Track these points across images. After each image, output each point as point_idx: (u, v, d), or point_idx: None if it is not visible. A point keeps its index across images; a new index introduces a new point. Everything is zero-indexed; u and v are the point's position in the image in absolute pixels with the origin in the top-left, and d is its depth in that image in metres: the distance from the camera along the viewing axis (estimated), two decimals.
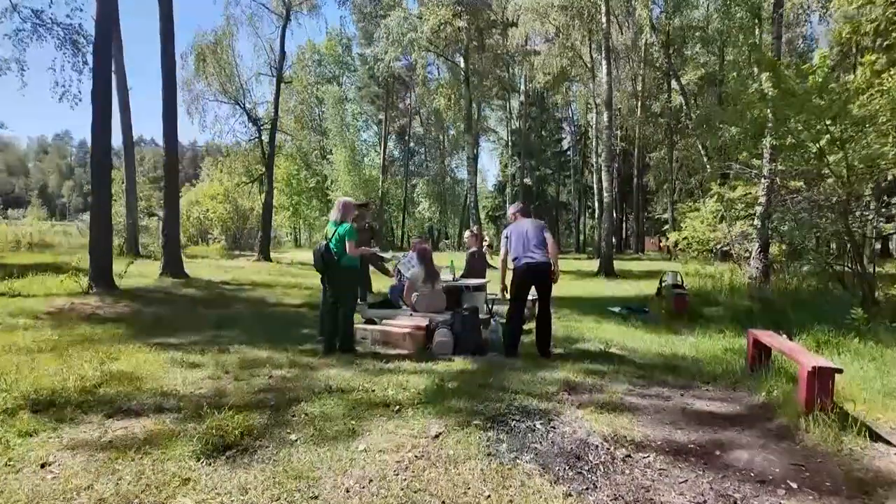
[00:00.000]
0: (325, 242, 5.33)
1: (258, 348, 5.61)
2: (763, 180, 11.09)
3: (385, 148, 35.60)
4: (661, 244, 37.03)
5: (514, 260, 5.44)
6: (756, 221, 11.49)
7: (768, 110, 9.20)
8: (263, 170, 19.03)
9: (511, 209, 5.89)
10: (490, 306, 7.01)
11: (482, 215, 44.36)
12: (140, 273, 12.30)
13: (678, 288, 8.36)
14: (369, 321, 6.26)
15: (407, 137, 38.25)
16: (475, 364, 5.00)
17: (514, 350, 5.43)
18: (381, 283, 9.05)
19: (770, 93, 9.14)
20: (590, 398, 4.03)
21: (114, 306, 7.92)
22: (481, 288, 7.06)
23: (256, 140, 19.32)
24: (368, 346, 5.75)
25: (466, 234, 7.73)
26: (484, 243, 7.45)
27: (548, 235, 5.54)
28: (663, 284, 8.64)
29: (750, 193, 12.16)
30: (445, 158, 37.63)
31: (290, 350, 5.46)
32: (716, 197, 11.90)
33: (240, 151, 21.90)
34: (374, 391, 4.06)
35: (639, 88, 30.87)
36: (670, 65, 24.08)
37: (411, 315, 6.13)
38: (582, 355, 5.40)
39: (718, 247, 14.02)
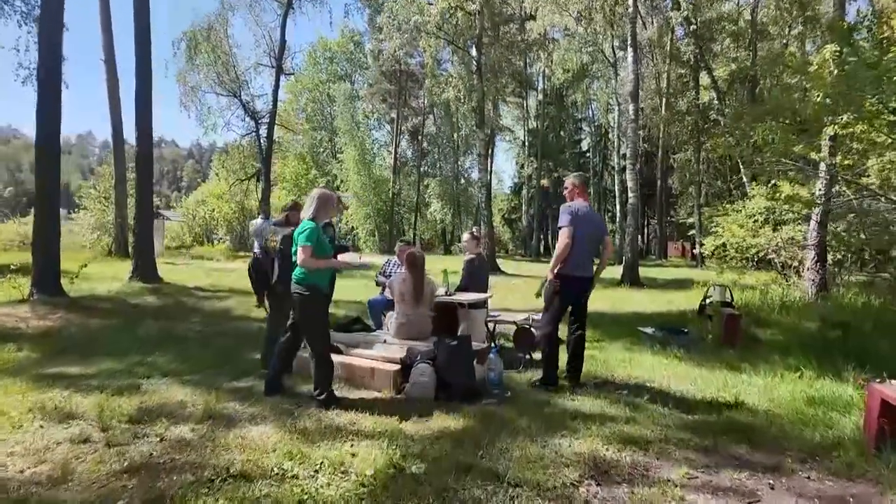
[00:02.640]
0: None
1: (179, 383, 4.25)
2: (821, 177, 9.44)
3: (396, 147, 34.28)
4: (685, 250, 35.21)
5: (570, 264, 4.17)
6: (812, 224, 9.81)
7: (829, 90, 7.60)
8: (260, 166, 17.80)
9: (570, 180, 4.45)
10: (492, 330, 5.54)
11: (497, 218, 42.80)
12: (112, 275, 11.17)
13: (727, 306, 6.78)
14: (331, 348, 4.85)
15: (420, 137, 36.91)
16: (462, 419, 3.56)
17: (555, 379, 4.32)
18: (362, 293, 7.65)
19: (834, 69, 7.59)
20: (631, 495, 2.56)
21: (44, 318, 6.64)
22: (481, 305, 5.60)
23: (254, 135, 18.10)
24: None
25: (465, 236, 6.22)
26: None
27: (607, 239, 4.45)
28: (709, 301, 7.07)
29: (799, 193, 10.51)
30: (459, 158, 36.14)
31: (217, 390, 4.08)
32: (766, 195, 10.22)
33: (234, 147, 20.67)
34: (294, 477, 2.64)
35: (663, 86, 29.12)
36: (701, 56, 22.32)
37: (385, 342, 4.71)
38: (613, 405, 3.91)
39: (761, 254, 12.32)
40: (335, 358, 4.50)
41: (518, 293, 10.89)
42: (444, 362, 4.03)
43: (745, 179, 19.31)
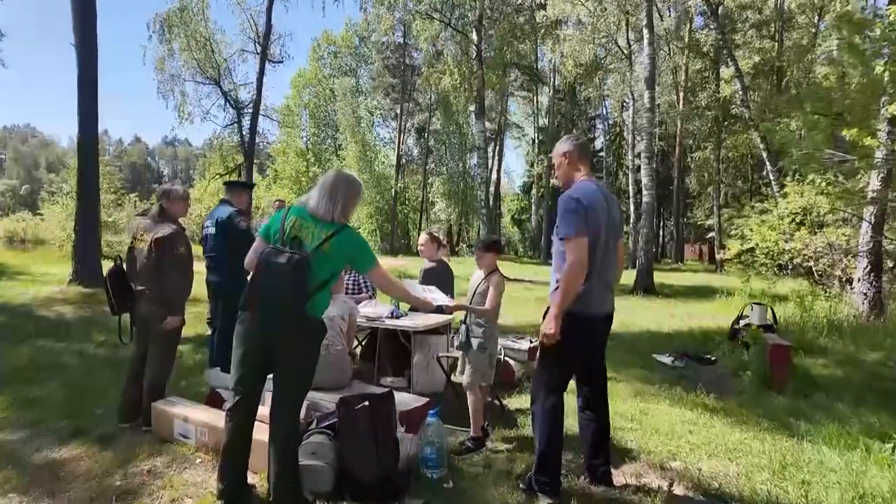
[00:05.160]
0: (302, 255, 2.26)
1: None
2: (877, 167, 7.83)
3: (399, 143, 32.92)
4: (702, 253, 33.45)
5: (583, 295, 2.41)
6: (864, 226, 8.21)
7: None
8: (242, 160, 16.55)
9: (561, 147, 2.67)
10: (448, 367, 4.06)
11: (507, 218, 41.24)
12: (60, 279, 9.96)
13: (770, 331, 5.24)
14: (212, 396, 3.47)
15: (427, 134, 35.55)
16: None
17: (557, 484, 2.50)
18: None
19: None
20: None
21: None
22: (439, 331, 4.16)
23: (235, 126, 16.83)
24: (192, 452, 2.97)
25: (422, 237, 4.73)
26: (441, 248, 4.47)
27: (621, 242, 2.65)
28: (745, 325, 5.55)
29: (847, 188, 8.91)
30: (466, 156, 34.72)
31: (11, 468, 2.71)
32: (814, 190, 8.63)
33: (215, 138, 19.49)
34: None
35: (681, 80, 27.42)
36: (724, 43, 20.64)
37: None
38: None
39: (796, 261, 10.72)
40: (202, 416, 3.10)
41: (514, 304, 9.38)
42: (347, 436, 2.59)
43: (770, 178, 17.60)
